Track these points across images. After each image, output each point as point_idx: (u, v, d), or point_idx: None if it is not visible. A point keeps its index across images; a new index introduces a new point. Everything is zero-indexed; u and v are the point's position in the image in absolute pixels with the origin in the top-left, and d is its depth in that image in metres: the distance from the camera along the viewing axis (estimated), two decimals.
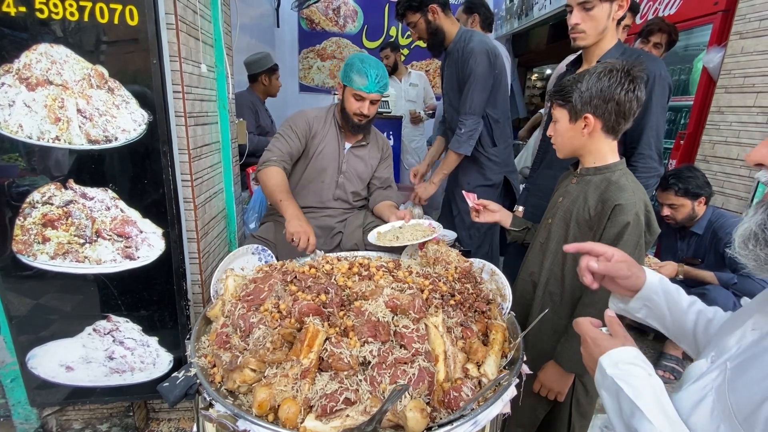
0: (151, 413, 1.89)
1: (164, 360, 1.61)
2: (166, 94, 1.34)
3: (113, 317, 1.52)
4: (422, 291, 1.12)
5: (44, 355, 1.51)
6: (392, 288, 1.08)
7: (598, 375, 0.75)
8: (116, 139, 1.33)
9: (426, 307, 1.06)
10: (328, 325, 1.00)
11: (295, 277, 1.11)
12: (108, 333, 1.54)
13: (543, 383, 1.38)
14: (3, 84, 1.22)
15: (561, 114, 1.32)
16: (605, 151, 1.31)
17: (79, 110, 1.28)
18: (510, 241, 1.67)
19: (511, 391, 1.03)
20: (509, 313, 1.35)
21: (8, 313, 1.44)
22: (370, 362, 0.97)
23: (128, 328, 1.54)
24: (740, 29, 2.47)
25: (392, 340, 1.02)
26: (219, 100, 1.85)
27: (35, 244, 1.38)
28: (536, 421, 1.48)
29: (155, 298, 1.52)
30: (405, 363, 0.97)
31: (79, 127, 1.30)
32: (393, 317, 1.03)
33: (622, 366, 0.71)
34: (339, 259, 1.23)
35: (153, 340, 1.58)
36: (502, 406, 0.99)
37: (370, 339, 0.98)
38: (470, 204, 1.60)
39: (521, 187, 2.58)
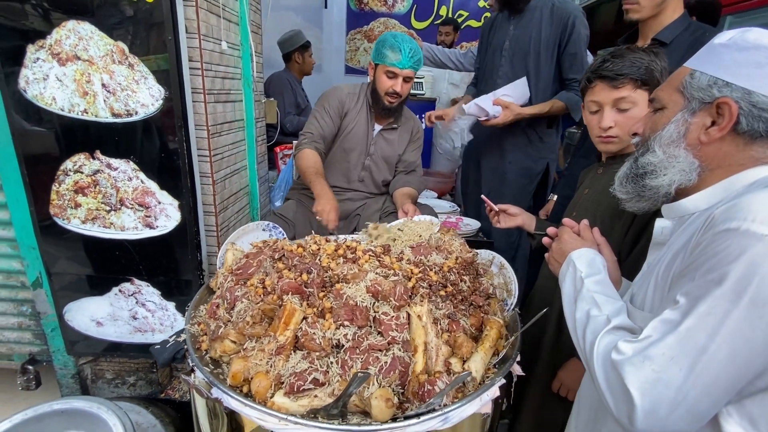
0: (174, 372, 2.04)
1: (181, 325, 1.71)
2: (181, 71, 1.38)
3: (136, 281, 1.64)
4: (409, 279, 1.08)
5: (78, 309, 1.67)
6: (376, 273, 1.05)
7: (564, 266, 0.92)
8: (136, 113, 1.40)
9: (409, 295, 1.02)
10: (307, 304, 1.00)
11: (284, 255, 1.11)
12: (132, 295, 1.66)
13: (563, 382, 1.31)
14: (38, 59, 1.33)
15: (642, 97, 1.14)
16: None
17: (103, 85, 1.36)
18: (535, 246, 1.53)
19: (493, 391, 0.97)
20: (513, 309, 1.27)
21: (48, 269, 1.60)
22: (343, 346, 0.95)
23: (149, 292, 1.66)
24: None
25: (371, 326, 0.99)
26: (244, 78, 1.89)
27: (68, 208, 1.51)
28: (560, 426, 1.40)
29: (172, 266, 1.61)
30: (379, 350, 0.94)
31: (104, 100, 1.38)
32: (374, 303, 1.01)
33: (585, 257, 0.90)
34: (327, 240, 1.22)
35: (171, 305, 1.68)
36: (479, 405, 0.94)
37: (346, 322, 0.96)
38: (489, 208, 1.49)
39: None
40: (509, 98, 2.09)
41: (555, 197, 2.09)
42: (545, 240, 1.06)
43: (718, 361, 0.60)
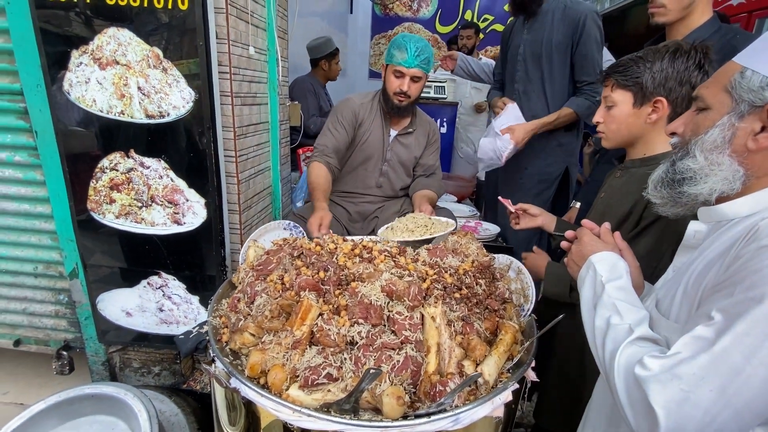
0: (196, 364, 2.11)
1: (204, 318, 1.77)
2: (211, 75, 1.44)
3: (163, 274, 1.71)
4: (424, 280, 1.09)
5: (109, 300, 1.76)
6: (392, 273, 1.06)
7: (584, 269, 0.89)
8: (168, 114, 1.47)
9: (423, 296, 1.03)
10: (323, 301, 1.03)
11: (302, 252, 1.15)
12: (159, 287, 1.74)
13: (527, 259, 1.43)
14: (81, 63, 1.42)
15: (623, 97, 1.17)
16: (658, 141, 1.15)
17: (139, 88, 1.44)
18: (555, 246, 1.53)
19: (506, 395, 0.97)
20: (530, 315, 1.26)
21: (83, 261, 1.70)
22: (357, 343, 0.97)
23: (175, 286, 1.73)
24: None
25: (385, 325, 1.01)
26: (269, 82, 1.95)
27: (104, 204, 1.60)
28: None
29: (197, 261, 1.67)
30: (392, 349, 0.96)
31: (139, 103, 1.46)
32: (388, 302, 1.02)
33: (606, 260, 0.87)
34: (344, 240, 1.25)
35: (195, 299, 1.75)
36: (491, 408, 0.94)
37: (360, 320, 0.99)
38: (508, 209, 1.49)
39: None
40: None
41: (578, 204, 2.05)
42: (564, 244, 1.04)
43: (752, 384, 0.57)
